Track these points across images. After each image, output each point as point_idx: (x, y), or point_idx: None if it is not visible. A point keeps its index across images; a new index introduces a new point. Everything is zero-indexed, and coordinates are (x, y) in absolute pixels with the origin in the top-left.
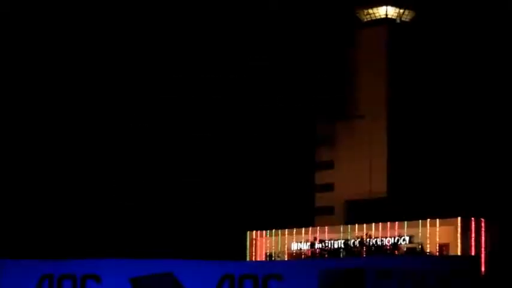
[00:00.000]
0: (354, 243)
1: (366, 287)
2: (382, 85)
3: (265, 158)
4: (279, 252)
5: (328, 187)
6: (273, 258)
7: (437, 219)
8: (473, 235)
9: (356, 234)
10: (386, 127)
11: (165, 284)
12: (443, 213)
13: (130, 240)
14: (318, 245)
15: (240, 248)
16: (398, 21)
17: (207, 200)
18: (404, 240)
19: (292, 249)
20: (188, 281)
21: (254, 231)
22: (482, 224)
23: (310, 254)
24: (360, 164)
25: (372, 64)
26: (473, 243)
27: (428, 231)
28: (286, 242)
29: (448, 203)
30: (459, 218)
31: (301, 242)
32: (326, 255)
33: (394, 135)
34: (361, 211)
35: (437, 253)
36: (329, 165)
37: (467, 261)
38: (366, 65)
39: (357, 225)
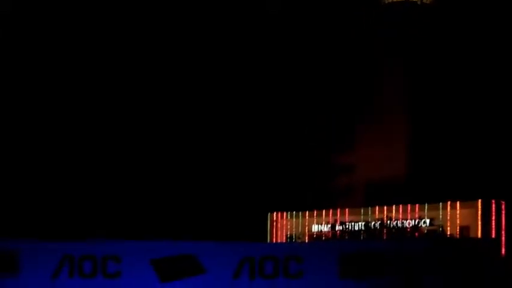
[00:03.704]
0: (374, 225)
1: (386, 269)
2: (402, 68)
3: (287, 141)
4: (299, 234)
5: (349, 169)
6: (293, 240)
7: (458, 202)
8: (493, 217)
9: (376, 217)
10: (407, 109)
11: (186, 265)
12: (464, 195)
13: (152, 222)
14: (338, 227)
15: (260, 229)
16: (419, 3)
17: (228, 181)
18: (424, 222)
19: (312, 231)
20: (209, 263)
21: (275, 213)
22: (503, 207)
23: (330, 236)
24: (380, 146)
25: (392, 47)
26: (493, 226)
27: (448, 213)
28: (306, 223)
29: (469, 186)
30: (480, 201)
31: (321, 224)
32: (346, 237)
33: (414, 118)
34: (382, 193)
35: (458, 236)
36: (350, 147)
37: (488, 243)
38: (385, 48)
39: (377, 208)
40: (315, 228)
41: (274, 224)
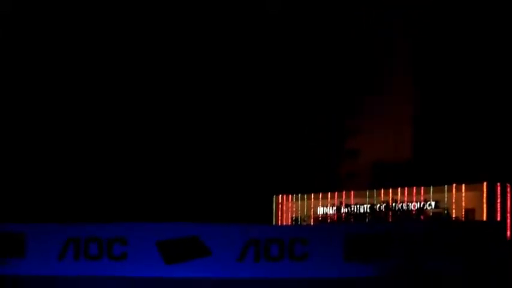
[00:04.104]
0: (379, 208)
1: (391, 252)
2: (407, 52)
3: (292, 123)
4: (304, 217)
5: (355, 152)
6: (298, 223)
7: (463, 185)
8: (499, 200)
9: (382, 199)
10: (413, 92)
11: (191, 247)
12: (469, 178)
13: (157, 205)
14: (343, 210)
15: (266, 212)
16: None
17: (234, 164)
18: (430, 205)
19: (318, 213)
20: (214, 245)
21: (280, 196)
22: (508, 190)
23: (336, 219)
24: (386, 129)
25: (400, 30)
26: (499, 209)
27: (454, 196)
28: (312, 206)
29: (475, 169)
30: (485, 184)
31: (327, 207)
32: (352, 220)
33: (420, 100)
34: (387, 176)
35: (463, 218)
36: (356, 130)
37: (493, 226)
38: (394, 32)
39: (382, 190)
40: (320, 210)
41: (280, 206)
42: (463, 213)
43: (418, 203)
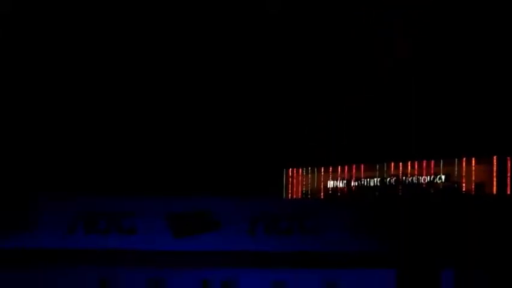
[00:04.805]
0: (389, 181)
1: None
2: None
3: (302, 96)
4: (315, 190)
5: (365, 124)
6: (309, 196)
7: (473, 158)
8: (508, 174)
9: (392, 173)
10: (421, 62)
11: (201, 220)
12: (479, 152)
13: (167, 178)
14: (354, 183)
15: (276, 185)
16: None
17: (244, 137)
18: (440, 178)
19: (328, 186)
20: (224, 218)
21: (290, 169)
22: None
23: (346, 192)
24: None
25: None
26: (508, 183)
27: (464, 169)
28: (322, 179)
29: (485, 142)
30: (495, 157)
31: (337, 180)
32: (362, 194)
33: (428, 72)
34: (397, 149)
35: (473, 192)
36: (365, 102)
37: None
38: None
39: (392, 164)
40: (331, 184)
41: (290, 180)
42: (473, 186)
43: (428, 177)
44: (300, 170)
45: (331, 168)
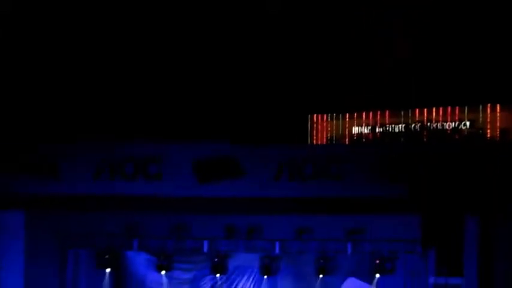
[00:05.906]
0: (414, 127)
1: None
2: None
3: (326, 43)
4: (340, 136)
5: (390, 71)
6: (333, 142)
7: (498, 105)
8: None
9: (417, 119)
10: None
11: (226, 167)
12: (504, 98)
13: (193, 124)
14: (378, 129)
15: (301, 132)
16: None
17: (269, 83)
18: (465, 125)
19: (353, 132)
20: (249, 165)
21: (315, 115)
22: None
23: (371, 138)
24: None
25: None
26: None
27: (488, 116)
28: (347, 126)
29: (509, 89)
30: None
31: (362, 126)
32: (387, 140)
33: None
34: (422, 95)
35: (498, 138)
36: (391, 49)
37: None
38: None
39: (417, 110)
40: (355, 130)
41: (315, 126)
42: (498, 133)
43: (453, 123)
44: (325, 116)
45: (356, 114)
